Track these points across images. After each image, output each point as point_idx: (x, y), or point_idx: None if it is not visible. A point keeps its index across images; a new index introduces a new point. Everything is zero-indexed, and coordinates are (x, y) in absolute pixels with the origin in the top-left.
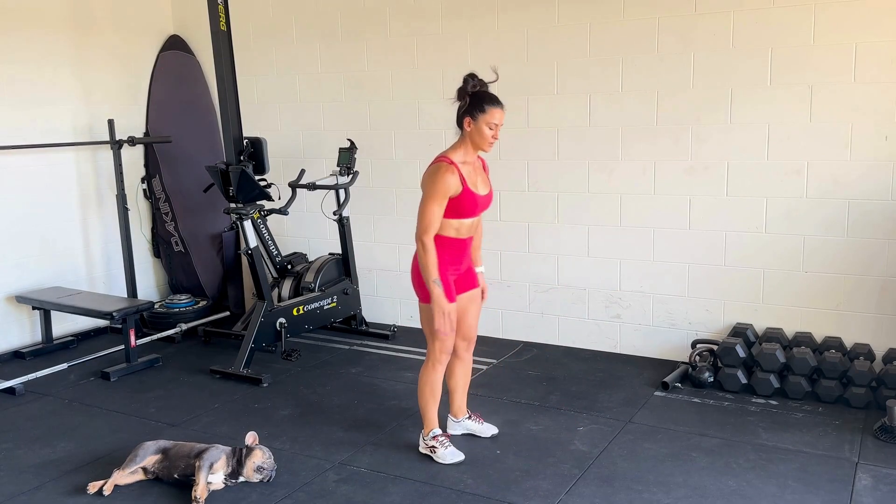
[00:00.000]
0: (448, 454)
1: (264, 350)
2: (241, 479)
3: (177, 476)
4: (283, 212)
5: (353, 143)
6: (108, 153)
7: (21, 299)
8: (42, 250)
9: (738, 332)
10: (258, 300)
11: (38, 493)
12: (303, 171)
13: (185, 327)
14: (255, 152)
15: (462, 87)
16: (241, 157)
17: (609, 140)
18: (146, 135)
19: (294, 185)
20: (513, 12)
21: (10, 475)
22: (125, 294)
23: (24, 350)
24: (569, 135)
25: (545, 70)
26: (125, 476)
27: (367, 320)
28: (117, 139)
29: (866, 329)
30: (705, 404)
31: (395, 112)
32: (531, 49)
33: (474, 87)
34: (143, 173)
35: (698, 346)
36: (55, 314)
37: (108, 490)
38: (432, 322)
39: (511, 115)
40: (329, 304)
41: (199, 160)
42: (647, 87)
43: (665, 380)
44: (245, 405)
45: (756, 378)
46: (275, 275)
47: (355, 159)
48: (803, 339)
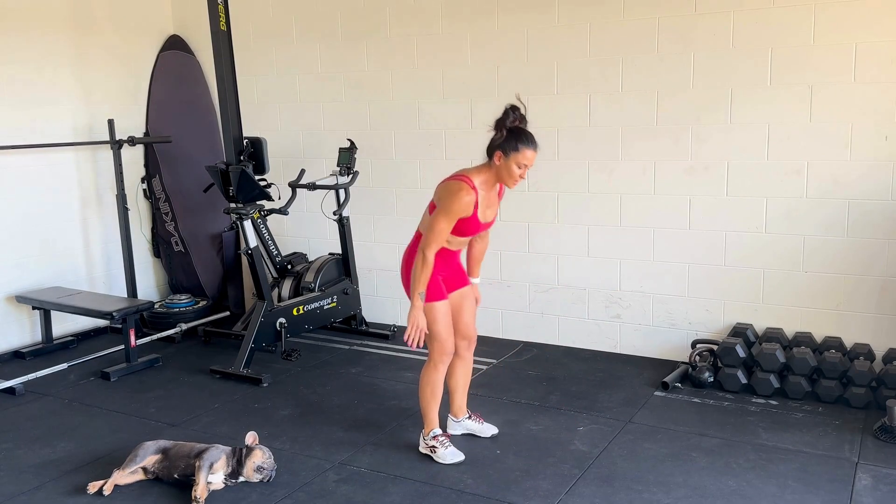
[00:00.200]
0: (448, 454)
1: (264, 350)
2: (241, 479)
3: (177, 476)
4: (283, 212)
5: (353, 143)
6: (108, 153)
7: (21, 299)
8: (42, 250)
9: (738, 332)
10: (258, 300)
11: (38, 493)
12: (303, 171)
13: (185, 327)
14: (255, 152)
15: (501, 118)
16: (241, 157)
17: (609, 140)
18: (146, 135)
19: (294, 185)
20: (513, 12)
21: (10, 475)
22: (125, 294)
23: (24, 350)
24: (569, 135)
25: (545, 70)
26: (125, 476)
27: (367, 320)
28: (117, 139)
29: (866, 329)
30: (705, 404)
31: (395, 112)
32: (531, 49)
33: (514, 121)
34: (143, 173)
35: (698, 346)
36: (55, 314)
37: (108, 490)
38: (430, 321)
39: None
40: (329, 304)
41: (199, 160)
42: (647, 87)
43: (665, 380)
44: (245, 405)
45: (756, 378)
46: (275, 275)
47: (355, 159)
48: (803, 339)
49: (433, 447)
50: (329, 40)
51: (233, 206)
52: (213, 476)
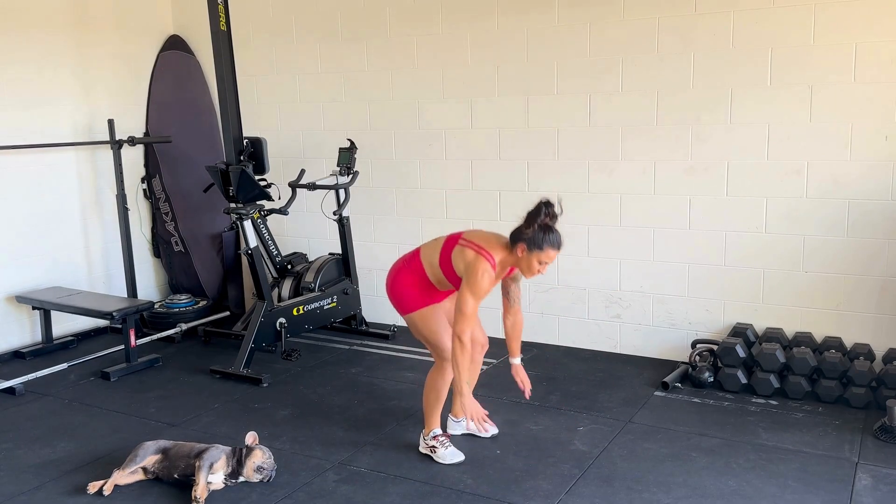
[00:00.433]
0: (448, 454)
1: (264, 350)
2: (241, 479)
3: (177, 476)
4: (283, 212)
5: (353, 143)
6: (108, 153)
7: (21, 299)
8: (42, 250)
9: (738, 332)
10: (258, 300)
11: (38, 493)
12: (303, 171)
13: (185, 327)
14: (255, 152)
15: (534, 213)
16: (241, 157)
17: (609, 140)
18: (146, 135)
19: (294, 185)
20: (513, 12)
21: (10, 475)
22: (125, 294)
23: (24, 350)
24: (569, 135)
25: (545, 70)
26: (125, 476)
27: (367, 320)
28: (117, 139)
29: (866, 329)
30: (705, 404)
31: (395, 112)
32: (531, 49)
33: (545, 217)
34: (143, 173)
35: (698, 346)
36: (55, 314)
37: (108, 490)
38: (423, 331)
39: (511, 114)
40: (329, 304)
41: (199, 160)
42: (647, 87)
43: (665, 380)
44: (245, 405)
45: (756, 378)
46: (275, 275)
47: (355, 159)
48: (803, 339)
49: (433, 447)
50: (329, 40)
51: (233, 206)
52: (213, 476)
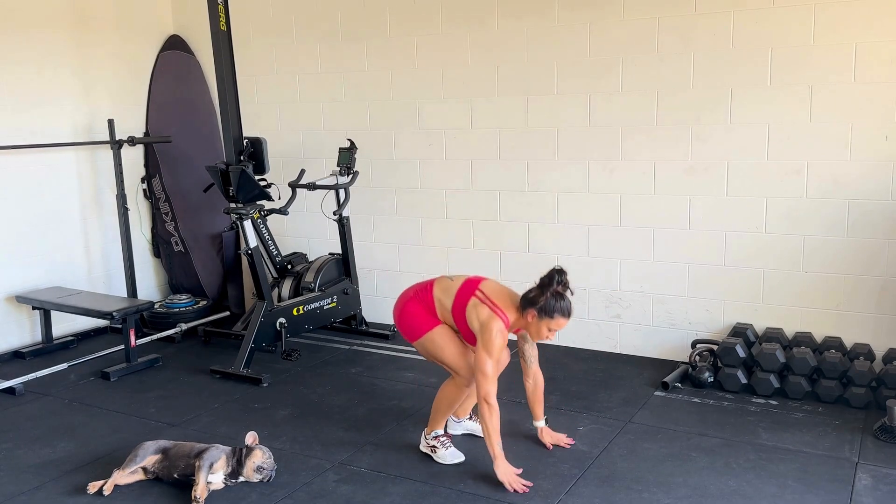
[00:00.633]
0: (448, 454)
1: (264, 350)
2: (241, 479)
3: (177, 476)
4: (283, 212)
5: (353, 143)
6: (108, 153)
7: (21, 299)
8: (42, 250)
9: (738, 332)
10: (258, 300)
11: (38, 493)
12: (303, 171)
13: (185, 327)
14: (255, 152)
15: (546, 281)
16: (241, 157)
17: (609, 140)
18: (146, 135)
19: (294, 185)
20: (513, 12)
21: (10, 475)
22: (125, 294)
23: (24, 350)
24: (569, 135)
25: (545, 70)
26: (125, 476)
27: (367, 320)
28: (117, 139)
29: (866, 329)
30: (705, 404)
31: (395, 112)
32: (531, 49)
33: (557, 286)
34: (143, 173)
35: (698, 346)
36: (55, 314)
37: (108, 490)
38: (436, 353)
39: (511, 114)
40: (329, 304)
41: (199, 160)
42: (647, 87)
43: (665, 380)
44: (245, 405)
45: (756, 378)
46: (275, 275)
47: (355, 159)
48: (803, 339)
49: (434, 447)
50: (329, 40)
51: (233, 206)
52: (213, 476)
